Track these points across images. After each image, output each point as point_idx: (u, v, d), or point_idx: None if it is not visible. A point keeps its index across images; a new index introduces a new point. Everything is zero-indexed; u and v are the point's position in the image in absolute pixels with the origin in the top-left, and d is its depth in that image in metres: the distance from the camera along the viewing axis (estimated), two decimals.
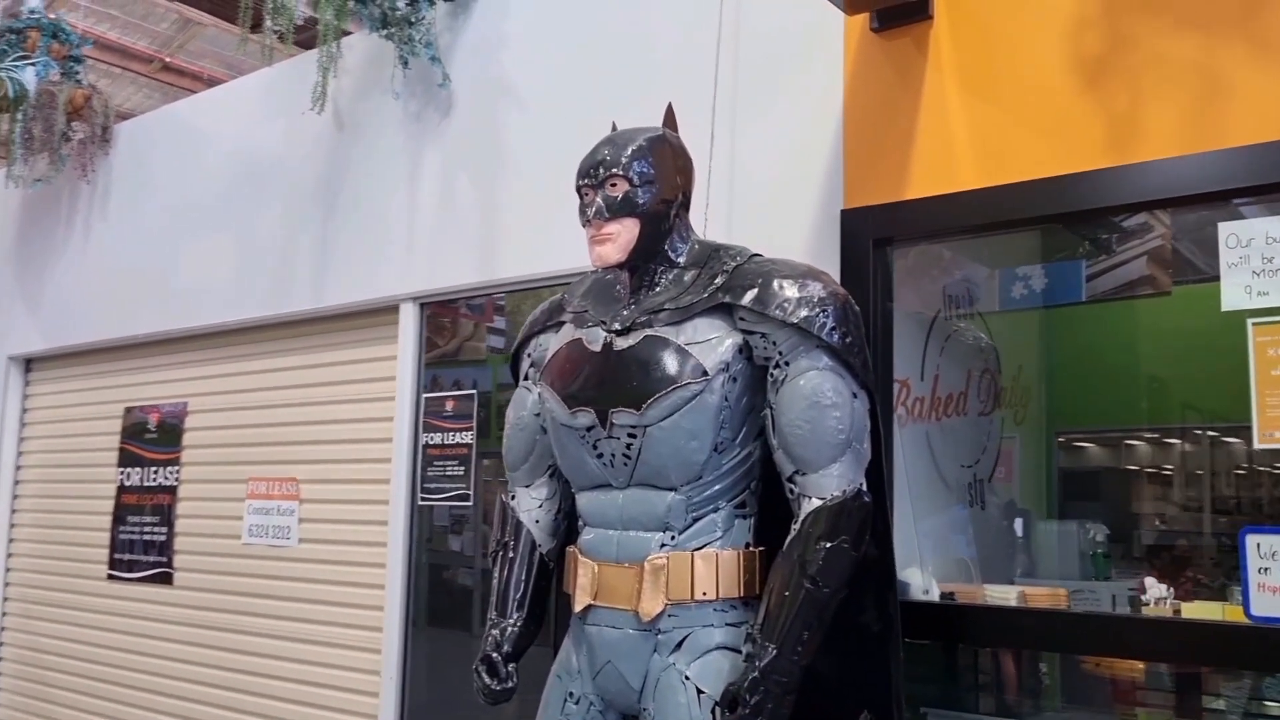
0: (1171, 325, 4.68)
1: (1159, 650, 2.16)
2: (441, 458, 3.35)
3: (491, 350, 3.57)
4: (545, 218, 3.18)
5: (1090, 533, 3.09)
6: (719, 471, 2.20)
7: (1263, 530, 2.01)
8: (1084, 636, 2.20)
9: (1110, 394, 3.71)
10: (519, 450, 2.53)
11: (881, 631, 2.22)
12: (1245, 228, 2.08)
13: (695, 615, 2.18)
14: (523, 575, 2.46)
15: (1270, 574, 1.99)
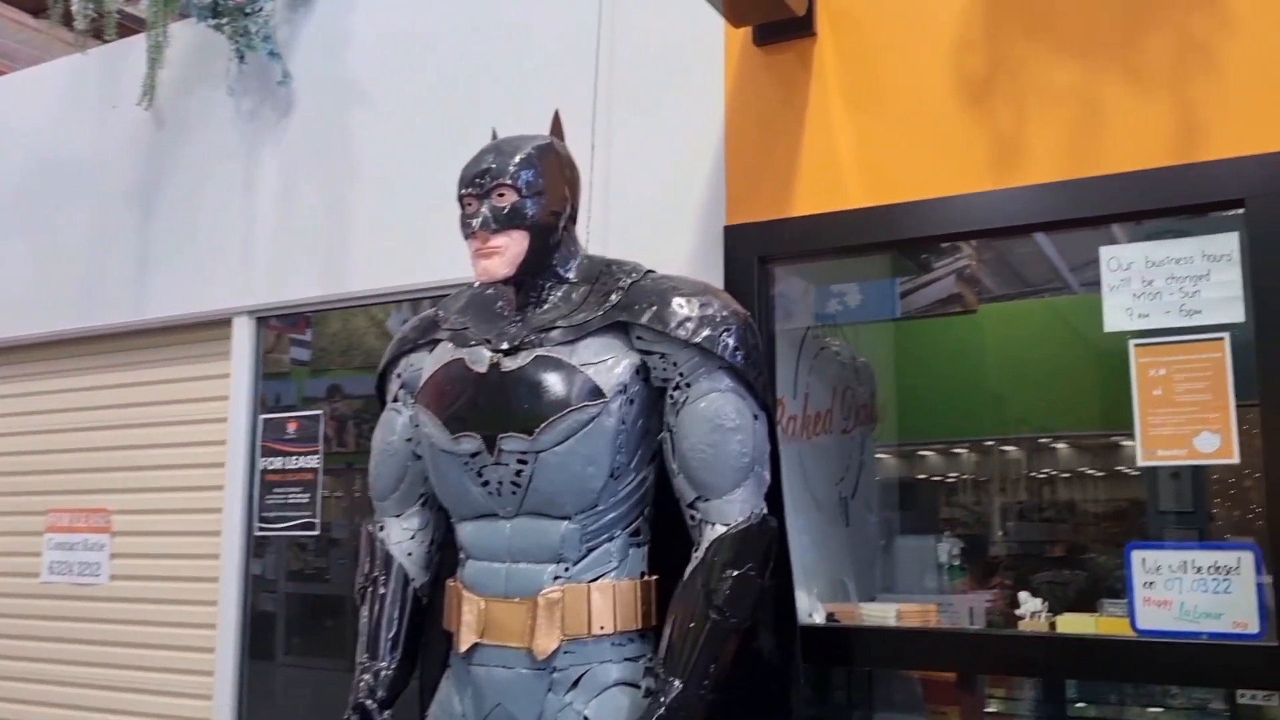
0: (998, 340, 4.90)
1: (1052, 666, 2.20)
2: (283, 484, 3.11)
3: (295, 363, 3.35)
4: (401, 228, 3.00)
5: (945, 546, 3.16)
6: (615, 498, 2.10)
7: (1148, 546, 2.07)
8: (978, 655, 2.22)
9: (948, 407, 3.83)
10: (388, 478, 2.35)
11: (777, 658, 2.17)
12: (1125, 252, 2.15)
13: (592, 651, 2.06)
14: (395, 613, 2.28)
15: (1155, 588, 2.05)
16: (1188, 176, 2.08)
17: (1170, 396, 2.06)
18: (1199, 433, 2.03)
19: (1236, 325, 2.04)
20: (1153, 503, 5.51)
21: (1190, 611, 2.01)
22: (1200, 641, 2.00)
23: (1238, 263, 2.05)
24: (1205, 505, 5.54)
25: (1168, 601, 2.03)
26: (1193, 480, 5.42)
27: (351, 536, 3.21)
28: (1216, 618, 1.99)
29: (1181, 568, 2.02)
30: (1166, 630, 2.03)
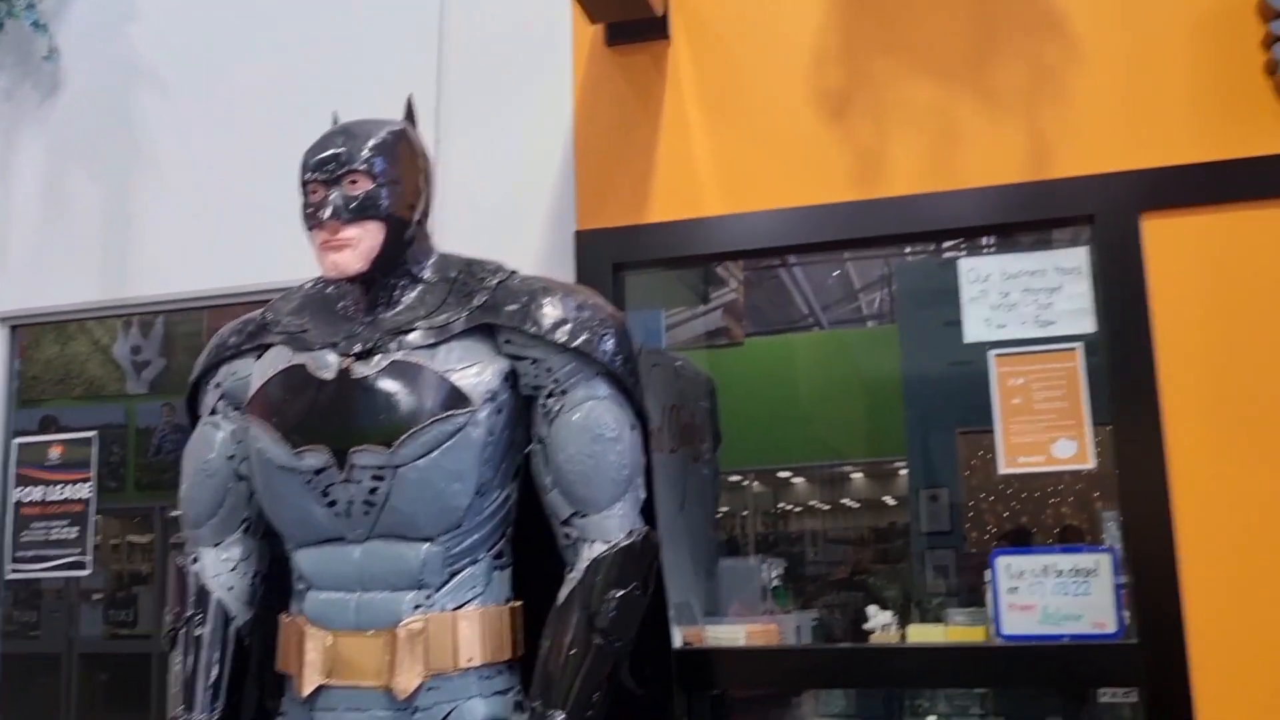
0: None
1: (920, 675, 2.19)
2: (43, 518, 2.68)
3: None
4: (198, 226, 2.68)
5: (770, 567, 3.14)
6: (479, 517, 1.92)
7: (1011, 552, 2.11)
8: (849, 670, 2.18)
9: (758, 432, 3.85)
10: (205, 502, 2.06)
11: (655, 684, 2.05)
12: (982, 264, 2.20)
13: (458, 686, 1.86)
14: (214, 656, 2.00)
15: (1019, 593, 2.08)
16: (1039, 193, 2.16)
17: (1029, 405, 2.12)
18: (1056, 440, 2.09)
19: (1088, 335, 2.12)
20: (915, 525, 5.82)
21: (1053, 614, 2.06)
22: (1062, 644, 2.04)
23: (1087, 275, 2.13)
24: (961, 526, 5.90)
25: (1031, 606, 2.07)
26: (949, 504, 5.76)
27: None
28: (1077, 619, 2.05)
29: (1044, 572, 2.07)
30: (1030, 635, 2.06)
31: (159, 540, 8.20)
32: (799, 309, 8.99)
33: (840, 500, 8.21)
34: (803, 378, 6.14)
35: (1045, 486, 7.13)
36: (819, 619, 2.99)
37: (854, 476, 8.24)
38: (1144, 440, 2.02)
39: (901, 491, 8.73)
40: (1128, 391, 2.04)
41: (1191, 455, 2.00)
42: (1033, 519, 6.96)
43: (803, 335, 7.95)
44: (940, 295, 5.41)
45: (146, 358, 6.53)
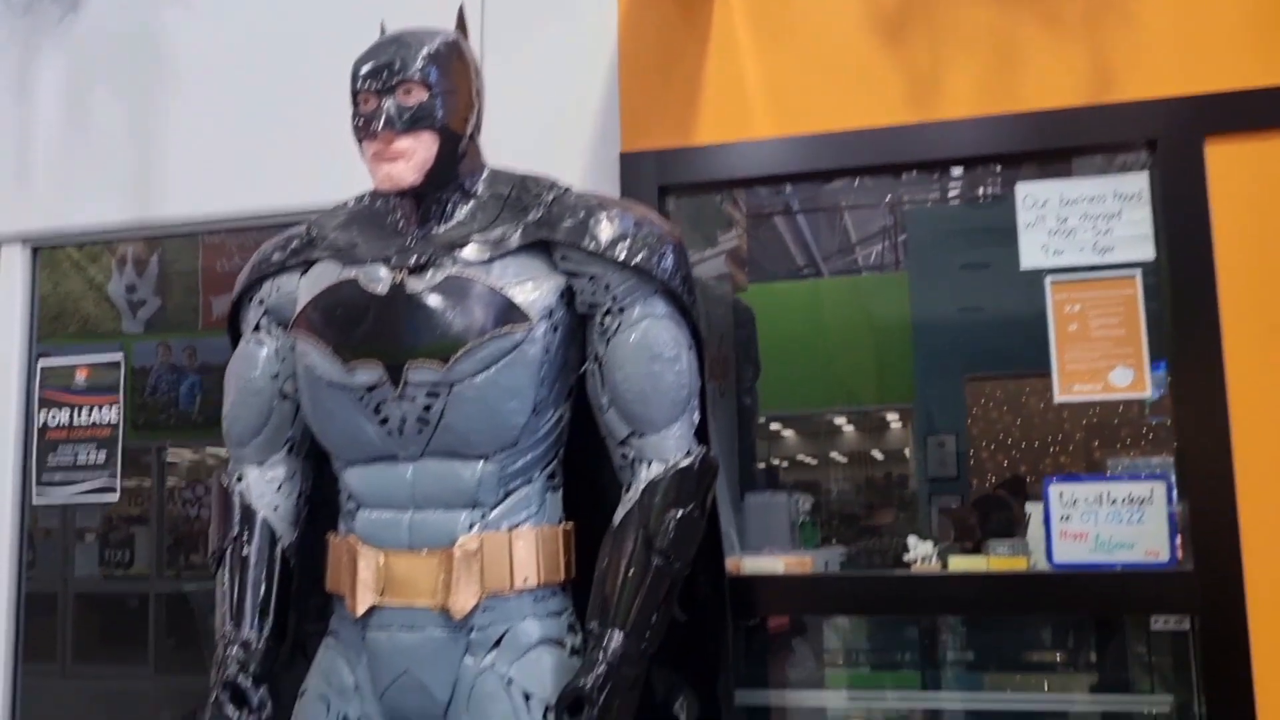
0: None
1: (971, 602, 2.18)
2: (70, 441, 2.63)
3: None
4: (227, 144, 2.61)
5: (798, 503, 3.12)
6: (535, 436, 1.89)
7: (1066, 479, 2.09)
8: (895, 597, 2.17)
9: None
10: (249, 420, 2.03)
11: (711, 608, 2.03)
12: (1040, 189, 2.16)
13: (513, 607, 1.85)
14: (261, 575, 1.97)
15: (1071, 521, 2.07)
16: (1100, 117, 2.12)
17: (1085, 333, 2.09)
18: (1114, 367, 2.07)
19: (1147, 263, 2.09)
20: (921, 470, 5.83)
21: (1105, 543, 2.04)
22: (1115, 572, 2.03)
23: (1147, 202, 2.10)
24: (966, 471, 5.92)
25: (1083, 534, 2.05)
26: (955, 451, 5.77)
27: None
28: (1130, 547, 2.03)
29: (1098, 500, 2.05)
30: (1082, 563, 2.05)
31: (156, 482, 8.16)
32: (800, 258, 8.97)
33: (853, 450, 8.25)
34: (806, 324, 6.11)
35: (1045, 436, 7.17)
36: (847, 555, 2.97)
37: (871, 423, 8.23)
38: (1203, 368, 2.00)
39: (893, 444, 8.77)
40: (1187, 319, 2.02)
41: (1251, 383, 1.99)
42: (1031, 468, 7.00)
43: (806, 282, 7.94)
44: (952, 240, 5.37)
45: (141, 296, 6.44)
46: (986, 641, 2.79)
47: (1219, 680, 1.95)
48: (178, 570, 8.17)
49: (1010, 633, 2.79)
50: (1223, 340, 2.00)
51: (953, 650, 2.77)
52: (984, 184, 7.94)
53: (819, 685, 2.60)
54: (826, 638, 2.97)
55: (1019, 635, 2.79)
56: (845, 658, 2.74)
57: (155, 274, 6.37)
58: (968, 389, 5.96)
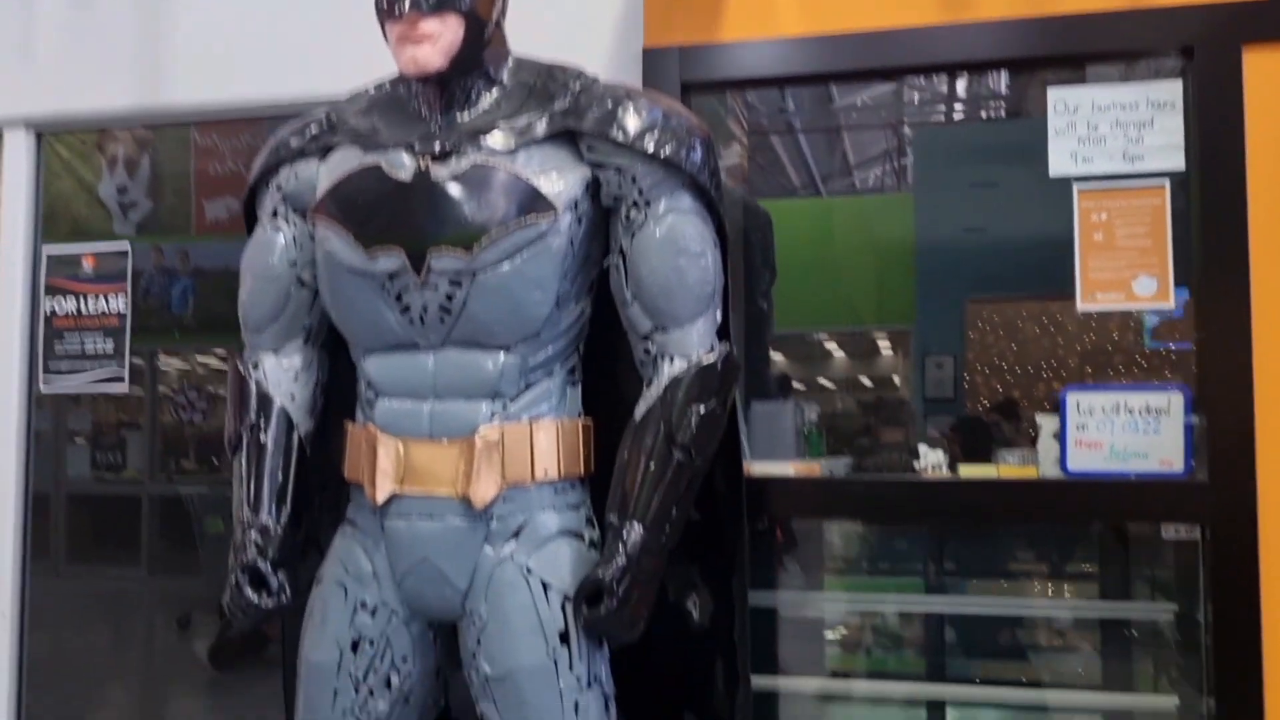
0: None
1: (983, 509, 2.20)
2: (76, 330, 2.60)
3: None
4: (238, 30, 2.54)
5: (804, 411, 3.12)
6: (557, 329, 1.87)
7: (1083, 389, 2.09)
8: (907, 502, 2.18)
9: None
10: (266, 307, 2.00)
11: (726, 507, 2.03)
12: (1072, 94, 2.12)
13: (533, 498, 1.85)
14: (279, 463, 1.96)
15: (1088, 430, 2.07)
16: (1136, 21, 2.08)
17: (1111, 242, 2.08)
18: (1137, 277, 2.06)
19: (1176, 173, 2.07)
20: (920, 392, 5.86)
21: (1120, 452, 2.05)
22: (1128, 480, 2.04)
23: (1180, 111, 2.07)
24: (963, 394, 5.94)
25: (1099, 443, 2.06)
26: (953, 372, 5.78)
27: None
28: (1144, 457, 2.04)
29: (1114, 409, 2.06)
30: (1096, 471, 2.06)
31: (149, 389, 8.15)
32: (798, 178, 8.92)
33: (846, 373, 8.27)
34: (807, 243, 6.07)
35: (1038, 361, 7.19)
36: (853, 466, 2.98)
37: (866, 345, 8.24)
38: (1228, 280, 1.99)
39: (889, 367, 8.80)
40: (1215, 230, 2.00)
41: (1276, 296, 1.98)
42: (1024, 392, 7.03)
43: (806, 200, 7.89)
44: (960, 159, 5.32)
45: (133, 198, 6.35)
46: (987, 551, 2.83)
47: (1226, 588, 1.97)
48: (169, 475, 8.21)
49: (1011, 542, 2.82)
50: (1250, 254, 1.99)
51: (954, 560, 2.81)
52: (990, 104, 7.83)
53: (819, 588, 2.63)
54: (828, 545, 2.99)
55: (1020, 545, 2.83)
56: (848, 565, 2.77)
57: (147, 175, 6.27)
58: (968, 311, 5.96)
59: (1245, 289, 1.98)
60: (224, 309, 7.75)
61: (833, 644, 2.75)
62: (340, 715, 1.89)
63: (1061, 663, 2.77)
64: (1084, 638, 2.69)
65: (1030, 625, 2.76)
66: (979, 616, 2.75)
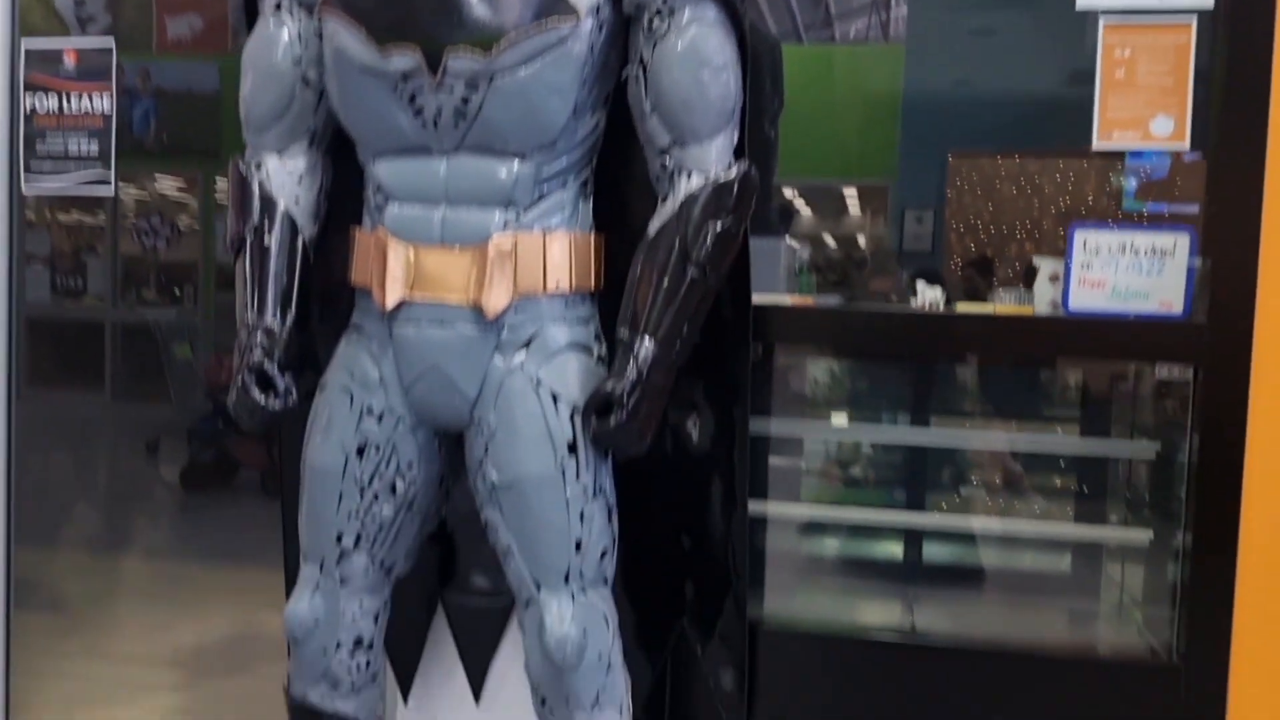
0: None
1: (981, 344, 2.22)
2: (60, 130, 2.51)
3: None
4: None
5: (795, 250, 3.12)
6: (573, 139, 1.84)
7: (1091, 226, 2.09)
8: (905, 335, 2.20)
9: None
10: (269, 105, 1.94)
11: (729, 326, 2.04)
12: None
13: (544, 309, 1.84)
14: (283, 266, 1.94)
15: (1091, 269, 2.09)
16: None
17: (1132, 79, 2.05)
18: (1155, 116, 2.04)
19: (1204, 10, 2.03)
20: (897, 245, 5.87)
21: (1122, 292, 2.07)
22: (1127, 320, 2.07)
23: None
24: (941, 248, 5.96)
25: (1102, 282, 2.08)
26: (933, 227, 5.79)
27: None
28: (1145, 298, 2.07)
29: (1120, 249, 2.07)
30: (1096, 310, 2.08)
31: (110, 214, 7.96)
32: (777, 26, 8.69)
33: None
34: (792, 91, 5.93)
35: (1013, 221, 7.21)
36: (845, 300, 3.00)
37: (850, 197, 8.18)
38: (1246, 121, 1.98)
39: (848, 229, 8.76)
40: (1239, 69, 1.98)
41: None
42: (997, 251, 7.07)
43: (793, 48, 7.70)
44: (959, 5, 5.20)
45: (91, 12, 6.07)
46: (973, 390, 2.88)
47: (1213, 428, 2.02)
48: (131, 303, 8.09)
49: (997, 382, 2.87)
50: (1271, 95, 1.97)
51: (939, 397, 2.86)
52: None
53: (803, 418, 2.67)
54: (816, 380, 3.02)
55: (1003, 384, 2.88)
56: (833, 400, 2.82)
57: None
58: (951, 165, 5.93)
59: (1263, 131, 1.97)
60: (188, 132, 7.51)
61: (812, 474, 2.82)
62: (344, 519, 1.91)
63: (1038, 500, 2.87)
64: (1063, 476, 2.78)
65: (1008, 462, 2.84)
66: (958, 450, 2.83)
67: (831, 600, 2.64)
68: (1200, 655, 2.04)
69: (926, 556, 2.72)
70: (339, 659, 1.97)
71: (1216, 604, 2.02)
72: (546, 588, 1.83)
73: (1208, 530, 2.03)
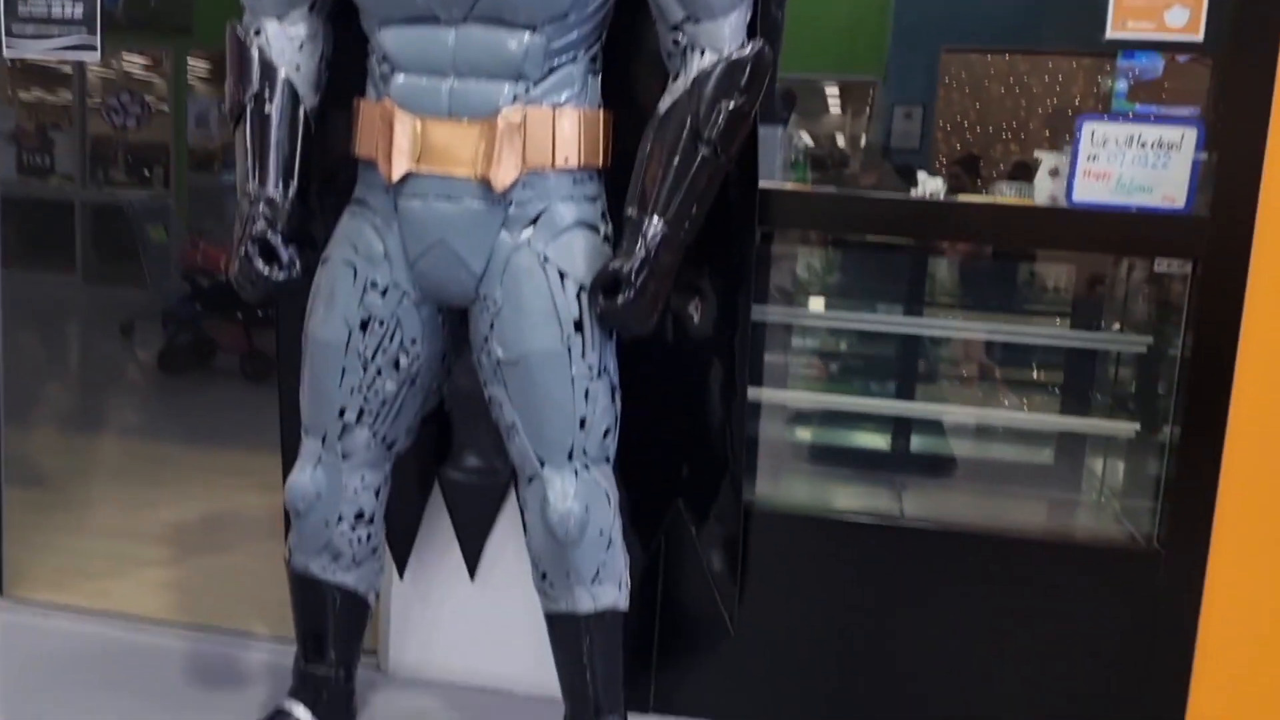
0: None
1: (982, 233, 2.22)
2: None
3: None
4: None
5: (793, 138, 3.09)
6: (584, 13, 1.79)
7: (1099, 118, 2.08)
8: (907, 219, 2.19)
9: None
10: None
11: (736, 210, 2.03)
12: None
13: (552, 186, 1.82)
14: (285, 134, 1.90)
15: (1098, 161, 2.08)
16: None
17: None
18: (1170, 6, 2.02)
19: None
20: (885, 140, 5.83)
21: (1126, 185, 2.07)
22: (1129, 213, 2.08)
23: None
24: (929, 146, 5.93)
25: (1107, 174, 2.08)
26: (921, 123, 5.74)
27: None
28: (1149, 191, 2.07)
29: (1128, 142, 2.06)
30: (1099, 202, 2.08)
31: (76, 91, 7.75)
32: None
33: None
34: None
35: (1000, 121, 7.17)
36: None
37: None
38: (1262, 14, 1.96)
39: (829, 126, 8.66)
40: None
41: None
42: (982, 151, 7.05)
43: None
44: None
45: None
46: (966, 283, 2.89)
47: (1208, 322, 2.05)
48: (100, 184, 7.92)
49: (986, 276, 2.89)
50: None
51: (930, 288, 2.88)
52: None
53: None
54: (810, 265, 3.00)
55: (995, 279, 2.90)
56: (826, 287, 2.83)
57: None
58: (943, 61, 5.87)
59: (1277, 27, 1.95)
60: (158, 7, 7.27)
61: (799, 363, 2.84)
62: (347, 394, 1.91)
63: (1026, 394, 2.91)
64: (1052, 370, 2.82)
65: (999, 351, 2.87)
66: (948, 342, 2.85)
67: (819, 487, 2.68)
68: (1181, 542, 2.10)
69: (914, 447, 2.76)
70: (340, 532, 1.99)
71: (1201, 493, 2.08)
72: (550, 464, 1.85)
73: (1197, 422, 2.07)
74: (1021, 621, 2.18)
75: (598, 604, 1.91)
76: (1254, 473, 2.07)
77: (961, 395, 2.92)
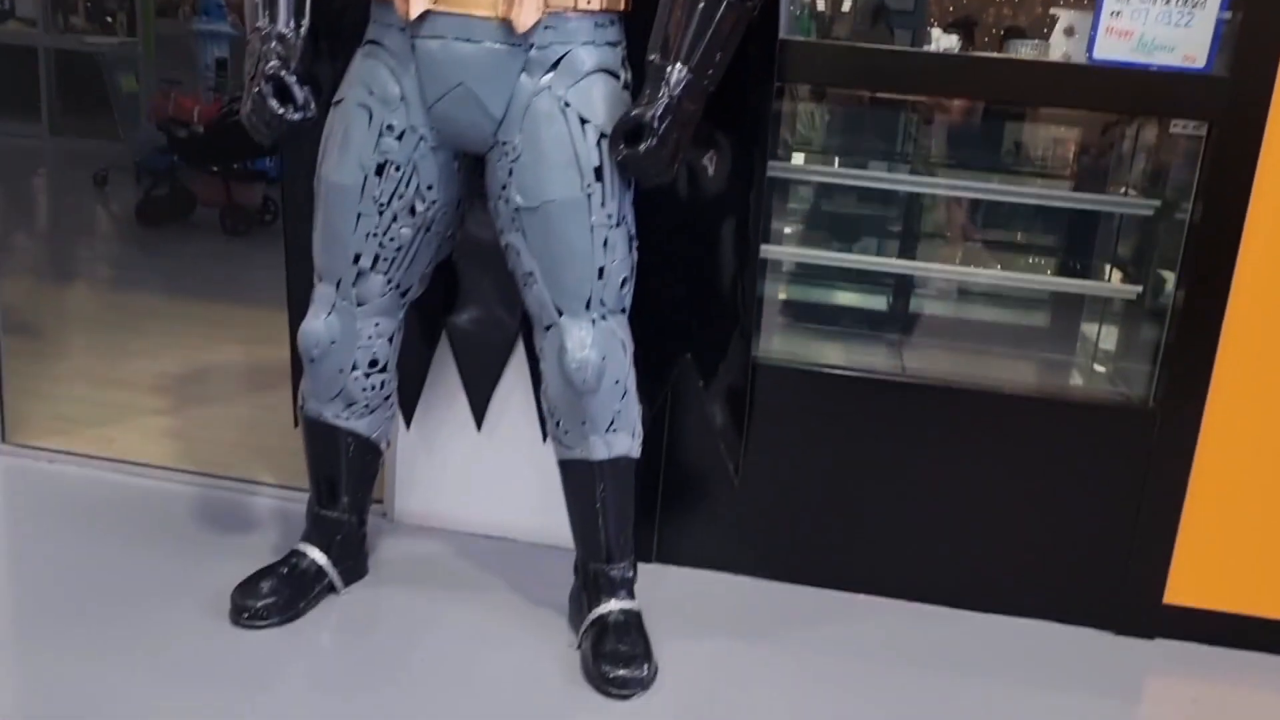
0: None
1: (997, 87, 2.19)
2: None
3: None
4: None
5: None
6: None
7: None
8: (926, 73, 2.16)
9: None
10: None
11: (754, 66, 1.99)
12: None
13: (574, 29, 1.78)
14: None
15: (1120, 18, 2.05)
16: None
17: None
18: None
19: None
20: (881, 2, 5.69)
21: (1148, 44, 2.05)
22: (1148, 72, 2.06)
23: None
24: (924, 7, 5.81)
25: (1130, 32, 2.05)
26: None
27: None
28: (1170, 50, 2.04)
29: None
30: (1120, 60, 2.06)
31: None
32: None
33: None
34: None
35: None
36: None
37: None
38: None
39: None
40: None
41: None
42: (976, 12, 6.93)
43: None
44: None
45: None
46: (971, 141, 2.87)
47: (1220, 184, 2.06)
48: (60, 30, 7.60)
49: (993, 137, 2.87)
50: None
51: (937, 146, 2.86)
52: None
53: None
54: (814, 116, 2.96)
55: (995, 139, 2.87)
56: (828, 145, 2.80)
57: None
58: None
59: None
60: None
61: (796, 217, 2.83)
62: (362, 239, 1.89)
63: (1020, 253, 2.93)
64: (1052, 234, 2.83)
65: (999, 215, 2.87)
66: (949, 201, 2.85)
67: (820, 344, 2.71)
68: (1176, 401, 2.15)
69: (913, 307, 2.78)
70: (354, 378, 2.00)
71: (1199, 355, 2.12)
72: (568, 313, 1.85)
73: (1201, 289, 2.10)
74: (1018, 475, 2.24)
75: (612, 451, 1.94)
76: (1252, 338, 2.11)
77: (960, 257, 2.93)
